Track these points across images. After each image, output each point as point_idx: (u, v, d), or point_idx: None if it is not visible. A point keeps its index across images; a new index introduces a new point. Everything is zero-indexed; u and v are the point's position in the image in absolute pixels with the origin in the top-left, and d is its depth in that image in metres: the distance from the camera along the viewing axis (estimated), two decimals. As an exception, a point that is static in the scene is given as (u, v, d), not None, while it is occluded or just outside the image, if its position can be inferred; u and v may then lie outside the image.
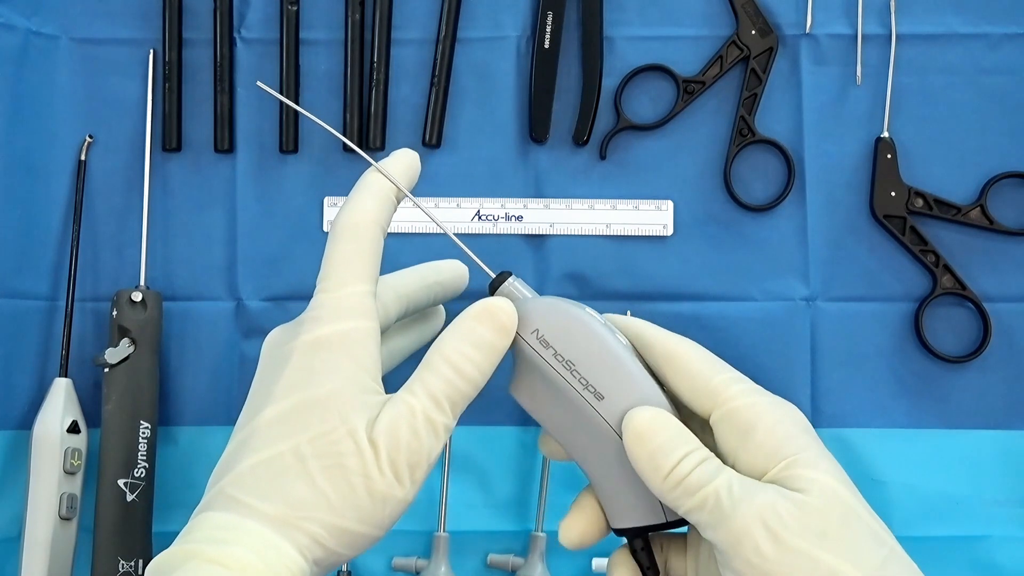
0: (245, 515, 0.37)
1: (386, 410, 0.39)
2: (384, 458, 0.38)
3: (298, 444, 0.38)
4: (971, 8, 0.60)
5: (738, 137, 0.60)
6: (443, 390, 0.39)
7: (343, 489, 0.38)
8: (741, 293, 0.59)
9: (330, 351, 0.39)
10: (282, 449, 0.38)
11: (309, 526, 0.38)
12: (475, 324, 0.40)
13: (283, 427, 0.39)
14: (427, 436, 0.39)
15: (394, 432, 0.38)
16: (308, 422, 0.38)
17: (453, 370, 0.39)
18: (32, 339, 0.58)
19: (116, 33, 0.60)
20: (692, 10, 0.61)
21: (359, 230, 0.42)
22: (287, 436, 0.38)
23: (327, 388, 0.39)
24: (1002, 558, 0.58)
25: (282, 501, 0.37)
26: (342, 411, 0.38)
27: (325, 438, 0.38)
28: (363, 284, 0.41)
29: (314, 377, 0.39)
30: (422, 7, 0.61)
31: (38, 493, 0.55)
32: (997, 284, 0.59)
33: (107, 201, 0.60)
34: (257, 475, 0.38)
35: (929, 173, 0.60)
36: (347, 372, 0.39)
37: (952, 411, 0.59)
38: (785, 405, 0.40)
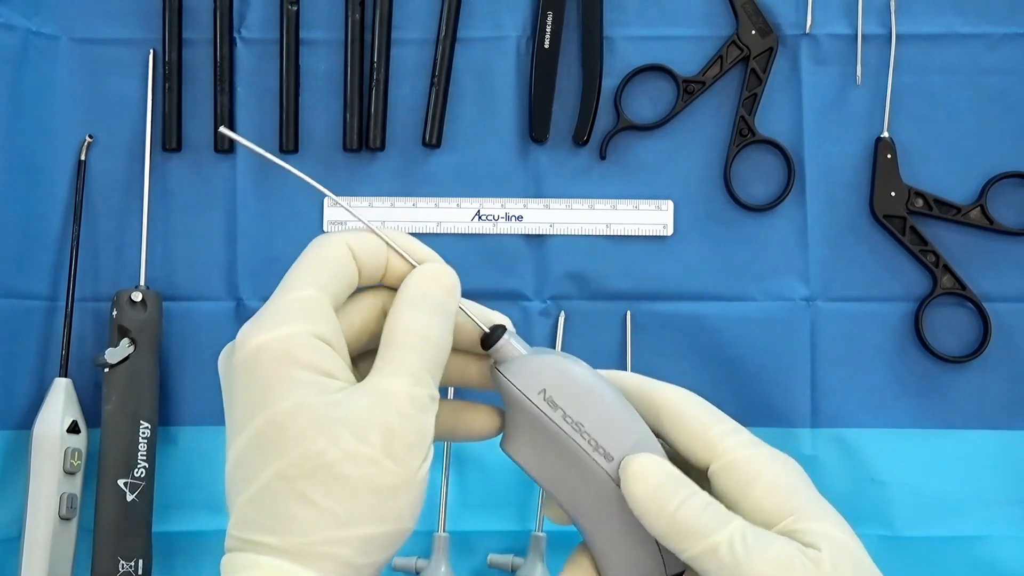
0: (259, 552, 0.35)
1: (363, 401, 0.36)
2: (380, 451, 0.35)
3: (281, 469, 0.35)
4: (971, 8, 0.60)
5: (738, 137, 0.60)
6: (417, 362, 0.36)
7: (346, 499, 0.35)
8: (741, 293, 0.59)
9: (276, 362, 0.35)
10: (268, 477, 0.35)
11: (323, 548, 0.35)
12: (424, 291, 0.38)
13: (258, 455, 0.36)
14: (415, 413, 0.36)
15: (380, 421, 0.35)
16: (282, 445, 0.35)
17: (420, 339, 0.37)
18: (32, 339, 0.58)
19: (116, 33, 0.60)
20: (692, 10, 0.61)
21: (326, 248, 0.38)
22: (266, 464, 0.35)
23: (291, 400, 0.35)
24: (1002, 558, 0.57)
25: (287, 531, 0.35)
26: (314, 422, 0.35)
27: (308, 456, 0.35)
28: (308, 289, 0.37)
29: (270, 391, 0.35)
30: (422, 7, 0.60)
31: (38, 493, 0.54)
32: (997, 284, 0.59)
33: (107, 201, 0.59)
34: (255, 511, 0.36)
35: (929, 173, 0.60)
36: (305, 376, 0.35)
37: (952, 411, 0.59)
38: (785, 458, 0.39)
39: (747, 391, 0.58)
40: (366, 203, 0.59)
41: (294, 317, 0.36)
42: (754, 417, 0.58)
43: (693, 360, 0.59)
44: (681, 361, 0.59)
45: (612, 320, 0.59)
